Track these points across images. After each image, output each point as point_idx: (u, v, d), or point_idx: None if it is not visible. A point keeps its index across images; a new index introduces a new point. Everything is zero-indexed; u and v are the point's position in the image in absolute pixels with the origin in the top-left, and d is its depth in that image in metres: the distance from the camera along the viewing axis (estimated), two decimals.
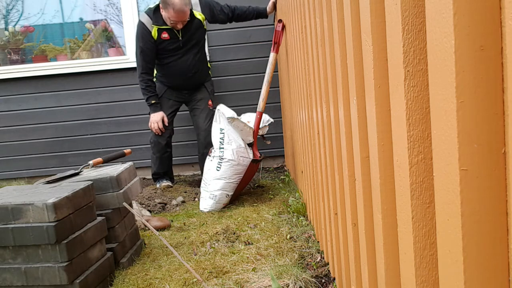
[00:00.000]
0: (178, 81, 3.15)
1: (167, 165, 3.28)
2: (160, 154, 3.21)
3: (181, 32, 2.97)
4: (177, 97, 3.24)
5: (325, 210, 1.48)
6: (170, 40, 2.97)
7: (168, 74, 3.13)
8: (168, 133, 3.20)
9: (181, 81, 3.15)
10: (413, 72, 0.59)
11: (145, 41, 2.95)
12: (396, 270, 0.75)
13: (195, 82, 3.21)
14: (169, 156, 3.27)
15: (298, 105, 2.12)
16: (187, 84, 3.19)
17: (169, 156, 3.26)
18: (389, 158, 0.73)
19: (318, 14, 1.27)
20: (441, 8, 0.47)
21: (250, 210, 2.43)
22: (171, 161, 3.33)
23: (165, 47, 3.00)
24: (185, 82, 3.17)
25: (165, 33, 2.94)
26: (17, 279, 1.40)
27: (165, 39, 2.96)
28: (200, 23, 3.06)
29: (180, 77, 3.12)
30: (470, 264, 0.48)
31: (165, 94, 3.19)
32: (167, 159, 3.26)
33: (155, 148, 3.20)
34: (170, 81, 3.17)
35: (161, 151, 3.19)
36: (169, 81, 3.17)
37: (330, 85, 1.14)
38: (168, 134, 3.20)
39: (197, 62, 3.12)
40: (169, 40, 2.97)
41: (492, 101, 0.45)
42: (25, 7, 4.01)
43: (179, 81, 3.15)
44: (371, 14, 0.71)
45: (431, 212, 0.61)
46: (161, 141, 3.17)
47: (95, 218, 1.60)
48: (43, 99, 3.76)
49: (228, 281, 1.50)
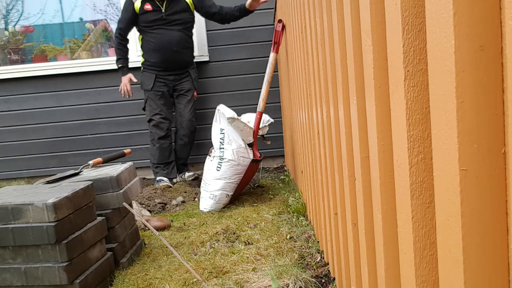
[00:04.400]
0: (162, 56, 3.21)
1: (167, 156, 3.33)
2: (159, 144, 3.29)
3: (165, 5, 3.16)
4: (165, 85, 3.31)
5: (325, 210, 1.48)
6: (152, 12, 3.16)
7: (152, 50, 3.22)
8: (166, 126, 3.30)
9: (164, 56, 3.21)
10: (413, 72, 0.59)
11: (126, 10, 3.21)
12: (396, 270, 0.75)
13: (179, 61, 3.28)
14: (169, 147, 3.34)
15: (298, 105, 2.12)
16: (172, 62, 3.26)
17: (168, 147, 3.33)
18: (389, 158, 0.73)
19: (318, 14, 1.27)
20: (441, 8, 0.47)
21: (250, 210, 2.43)
22: (171, 153, 3.37)
23: (148, 18, 3.17)
24: (169, 59, 3.23)
25: (148, 4, 3.15)
26: (17, 279, 1.40)
27: (148, 10, 3.16)
28: (186, 5, 3.22)
29: (163, 52, 3.20)
30: (470, 264, 0.48)
31: (155, 86, 3.27)
32: (167, 150, 3.32)
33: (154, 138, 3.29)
34: (155, 58, 3.23)
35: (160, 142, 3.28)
36: (154, 58, 3.24)
37: (330, 85, 1.14)
38: (167, 126, 3.30)
39: (181, 40, 3.23)
40: (151, 12, 3.16)
41: (492, 101, 0.45)
42: (25, 7, 4.01)
43: (163, 56, 3.21)
44: (371, 14, 0.71)
45: (431, 212, 0.61)
46: (160, 132, 3.27)
47: (95, 218, 1.60)
48: (43, 99, 3.76)
49: (228, 281, 1.50)
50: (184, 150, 3.46)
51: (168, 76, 3.30)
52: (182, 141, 3.42)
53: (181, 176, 3.48)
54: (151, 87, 3.27)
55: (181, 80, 3.35)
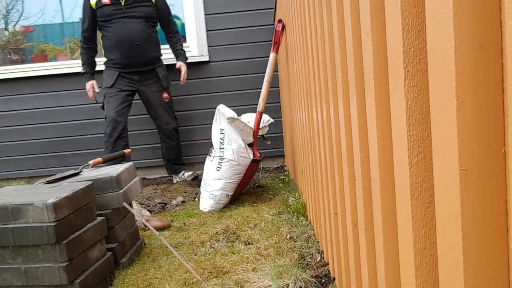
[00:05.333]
0: (122, 51, 3.07)
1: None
2: (112, 147, 3.10)
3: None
4: (128, 85, 3.16)
5: (325, 210, 1.48)
6: (111, 5, 3.04)
7: (112, 46, 3.09)
8: (122, 126, 3.14)
9: (125, 51, 3.07)
10: (413, 72, 0.59)
11: (84, 10, 3.12)
12: (396, 270, 0.75)
13: (142, 56, 3.12)
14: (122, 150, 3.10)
15: (298, 105, 2.12)
16: (134, 57, 3.10)
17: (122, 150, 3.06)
18: (389, 158, 0.73)
19: (318, 14, 1.27)
20: (441, 8, 0.47)
21: (250, 210, 2.43)
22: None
23: (105, 12, 3.04)
24: (130, 53, 3.07)
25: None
26: (17, 279, 1.40)
27: (106, 4, 3.04)
28: (149, 1, 3.13)
29: (123, 46, 3.05)
30: (470, 264, 0.48)
31: (116, 84, 3.13)
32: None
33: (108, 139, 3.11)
34: (116, 54, 3.09)
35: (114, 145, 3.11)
36: (114, 55, 3.10)
37: (330, 85, 1.14)
38: (122, 126, 3.15)
39: (142, 33, 3.08)
40: (110, 5, 3.04)
41: (492, 101, 0.45)
42: (25, 7, 4.01)
43: (123, 51, 3.06)
44: (371, 14, 0.71)
45: (431, 212, 0.61)
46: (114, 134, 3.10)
47: (95, 218, 1.60)
48: (43, 99, 3.76)
49: (228, 281, 1.50)
50: (171, 152, 3.38)
51: (133, 76, 3.15)
52: (166, 144, 3.35)
53: (180, 176, 3.45)
54: (112, 83, 3.11)
55: (147, 80, 3.20)
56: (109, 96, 3.14)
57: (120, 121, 3.13)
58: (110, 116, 3.11)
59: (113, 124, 3.11)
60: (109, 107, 3.13)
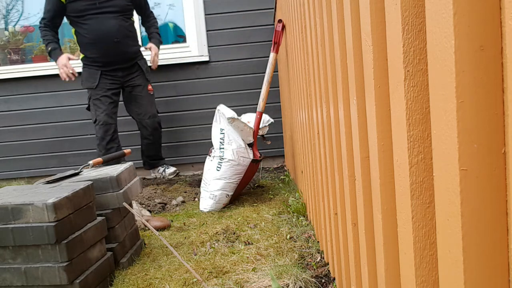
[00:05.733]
0: (101, 49, 2.95)
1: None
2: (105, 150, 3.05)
3: None
4: (113, 83, 3.08)
5: (325, 210, 1.48)
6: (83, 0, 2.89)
7: (89, 43, 2.96)
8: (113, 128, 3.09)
9: (104, 49, 2.96)
10: (413, 72, 0.59)
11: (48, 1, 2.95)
12: (396, 270, 0.75)
13: (123, 53, 3.03)
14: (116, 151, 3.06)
15: (298, 105, 2.12)
16: (115, 55, 3.00)
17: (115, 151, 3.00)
18: (389, 158, 0.73)
19: (318, 14, 1.27)
20: (441, 8, 0.47)
21: (250, 210, 2.43)
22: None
23: (78, 7, 2.90)
24: (111, 52, 2.97)
25: None
26: (17, 279, 1.40)
27: None
28: None
29: (102, 44, 2.94)
30: (470, 264, 0.48)
31: (100, 84, 3.03)
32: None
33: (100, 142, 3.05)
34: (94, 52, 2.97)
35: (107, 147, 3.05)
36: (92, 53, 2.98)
37: (330, 85, 1.14)
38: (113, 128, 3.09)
39: (120, 28, 2.97)
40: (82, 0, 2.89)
41: (492, 101, 0.45)
42: (25, 7, 4.01)
43: (102, 49, 2.95)
44: (371, 14, 0.71)
45: (431, 212, 0.61)
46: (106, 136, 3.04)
47: (95, 218, 1.60)
48: (43, 99, 3.76)
49: (228, 281, 1.50)
50: (151, 148, 3.31)
51: (116, 73, 3.06)
52: (147, 140, 3.28)
53: (160, 173, 3.37)
54: (96, 84, 3.01)
55: (131, 75, 3.12)
56: (95, 98, 3.06)
57: (111, 124, 3.09)
58: (101, 119, 3.05)
59: (104, 128, 3.06)
60: (98, 110, 3.06)
